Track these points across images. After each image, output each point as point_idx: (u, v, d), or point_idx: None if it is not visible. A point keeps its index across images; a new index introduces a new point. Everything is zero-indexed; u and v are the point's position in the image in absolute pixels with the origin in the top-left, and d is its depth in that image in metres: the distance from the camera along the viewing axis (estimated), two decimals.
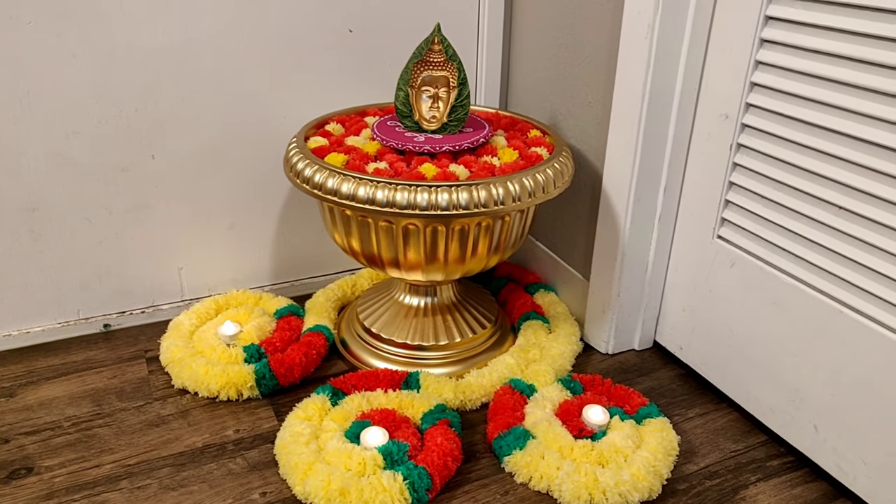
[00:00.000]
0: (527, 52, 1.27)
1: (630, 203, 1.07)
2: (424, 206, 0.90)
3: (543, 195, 0.97)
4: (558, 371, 1.08)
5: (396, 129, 1.07)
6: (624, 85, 1.02)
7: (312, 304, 1.23)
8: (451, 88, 1.03)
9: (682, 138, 1.04)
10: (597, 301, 1.17)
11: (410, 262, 0.99)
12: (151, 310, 1.24)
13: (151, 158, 1.14)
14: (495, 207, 0.92)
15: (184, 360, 1.08)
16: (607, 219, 1.11)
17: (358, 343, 1.15)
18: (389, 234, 0.97)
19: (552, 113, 1.23)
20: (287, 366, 1.06)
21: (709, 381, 1.09)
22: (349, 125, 1.13)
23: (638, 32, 0.98)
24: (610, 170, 1.09)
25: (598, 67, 1.10)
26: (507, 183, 0.93)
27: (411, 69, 1.03)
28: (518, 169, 0.97)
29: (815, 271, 0.90)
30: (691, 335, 1.11)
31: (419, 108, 1.05)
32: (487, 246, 1.00)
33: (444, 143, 1.01)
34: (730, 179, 0.99)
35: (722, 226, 1.02)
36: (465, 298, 1.18)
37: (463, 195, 0.91)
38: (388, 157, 1.00)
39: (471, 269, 1.03)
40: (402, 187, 0.91)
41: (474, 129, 1.07)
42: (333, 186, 0.93)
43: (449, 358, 1.11)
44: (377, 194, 0.91)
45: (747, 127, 0.95)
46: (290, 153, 1.03)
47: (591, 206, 1.17)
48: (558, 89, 1.20)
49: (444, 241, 0.97)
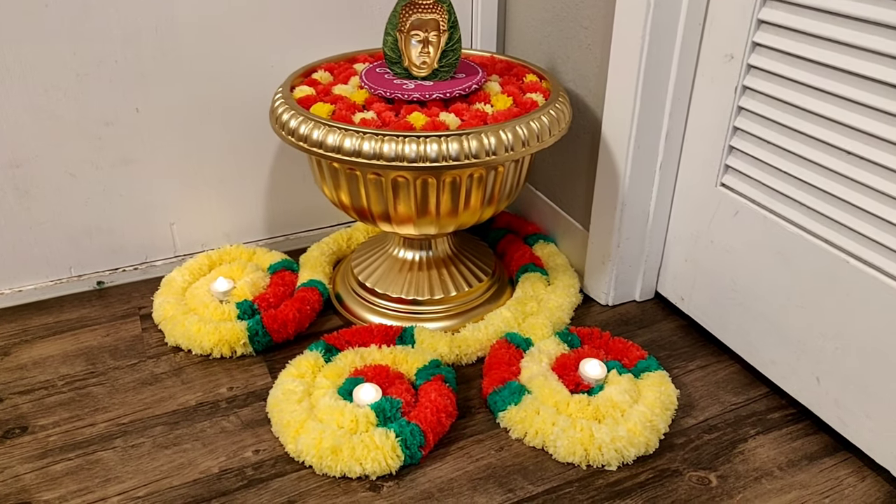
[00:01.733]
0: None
1: (630, 150, 1.03)
2: (413, 157, 0.87)
3: (538, 144, 0.93)
4: (556, 324, 1.06)
5: (386, 76, 1.02)
6: (623, 24, 0.97)
7: (307, 258, 1.21)
8: (442, 32, 0.98)
9: (684, 81, 0.99)
10: (596, 252, 1.14)
11: (401, 216, 0.96)
12: (144, 266, 1.22)
13: (136, 112, 1.11)
14: (487, 158, 0.89)
15: (176, 317, 1.06)
16: (607, 167, 1.07)
17: (353, 298, 1.13)
18: (378, 187, 0.94)
19: (550, 57, 1.17)
20: (280, 322, 1.05)
21: (710, 333, 1.07)
22: (338, 73, 1.09)
23: None
24: (609, 116, 1.04)
25: (596, 7, 1.04)
26: (500, 132, 0.89)
27: (399, 12, 0.98)
28: (511, 117, 0.93)
29: (820, 220, 0.86)
30: (693, 286, 1.08)
31: (408, 53, 1.00)
32: (481, 198, 0.97)
33: (434, 91, 0.97)
34: (734, 124, 0.94)
35: (725, 173, 0.98)
36: (461, 251, 1.15)
37: (453, 146, 0.87)
38: (377, 107, 0.96)
39: (464, 222, 1.00)
40: (390, 138, 0.87)
41: (467, 75, 1.02)
42: (319, 138, 0.90)
43: (445, 312, 1.09)
44: (364, 146, 0.88)
45: (753, 68, 0.90)
46: (276, 104, 0.99)
47: (591, 154, 1.13)
48: (556, 31, 1.14)
49: (436, 194, 0.93)
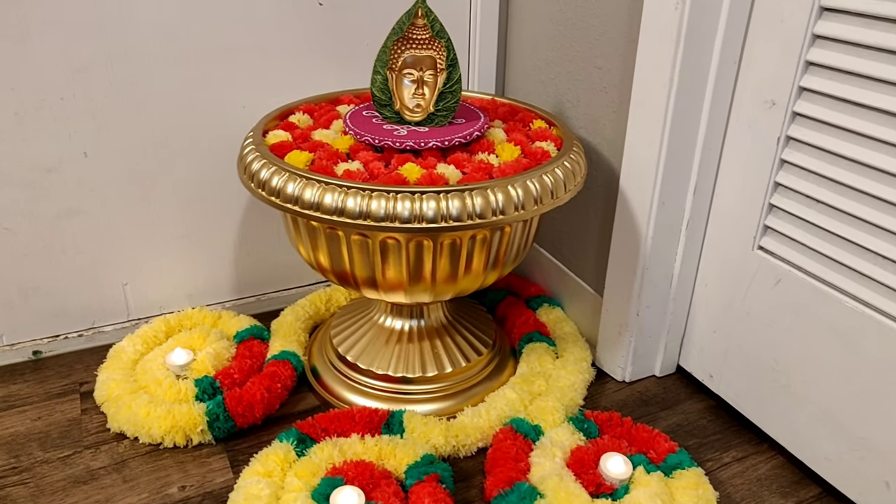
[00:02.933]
0: (527, 30, 1.09)
1: (653, 206, 0.90)
2: (406, 217, 0.73)
3: (552, 201, 0.79)
4: (568, 406, 0.91)
5: (374, 120, 0.89)
6: (647, 64, 0.85)
7: (279, 324, 1.06)
8: (439, 71, 0.85)
9: (716, 129, 0.87)
10: (612, 320, 1.00)
11: (390, 282, 0.82)
12: (91, 333, 1.06)
13: (84, 156, 0.96)
14: (494, 218, 0.75)
15: (122, 397, 0.90)
16: (625, 224, 0.94)
17: (331, 373, 0.98)
18: (364, 250, 0.79)
19: (558, 100, 1.05)
20: (246, 404, 0.89)
21: (745, 417, 0.93)
22: (318, 116, 0.96)
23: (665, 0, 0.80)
24: (629, 167, 0.91)
25: (613, 45, 0.92)
26: (509, 187, 0.76)
27: (390, 48, 0.86)
28: (521, 169, 0.80)
29: (888, 295, 0.73)
30: (724, 361, 0.94)
31: (400, 95, 0.87)
32: (484, 262, 0.83)
33: (430, 138, 0.83)
34: (775, 179, 0.82)
35: (765, 235, 0.85)
36: (457, 319, 1.01)
37: (454, 203, 0.73)
38: (364, 156, 0.83)
39: (464, 289, 0.86)
40: (379, 194, 0.73)
41: (467, 121, 0.89)
42: (294, 192, 0.76)
43: (438, 392, 0.94)
44: (348, 202, 0.74)
45: (800, 116, 0.78)
46: (245, 151, 0.85)
47: (606, 209, 0.99)
48: (564, 72, 1.02)
49: (432, 258, 0.79)
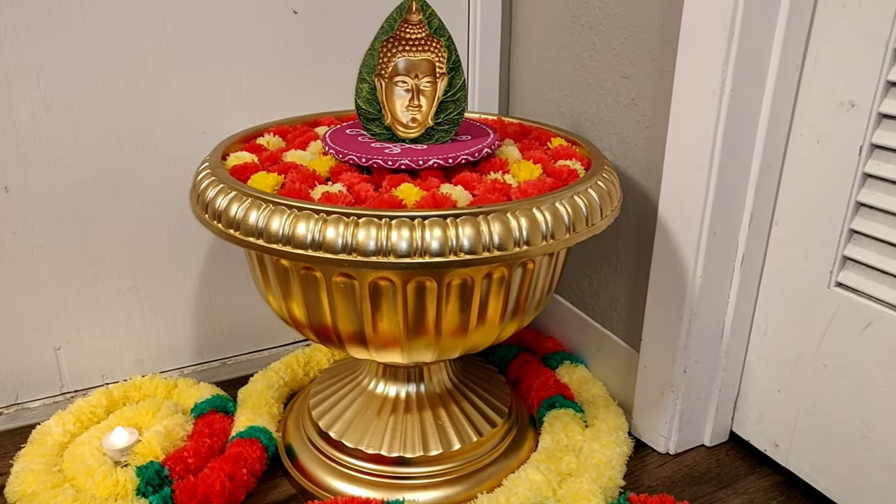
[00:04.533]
0: (534, 42, 0.95)
1: (702, 238, 0.74)
2: (404, 249, 0.56)
3: (587, 229, 0.63)
4: (607, 490, 0.73)
5: (360, 138, 0.73)
6: (690, 67, 0.70)
7: (248, 393, 0.87)
8: (439, 76, 0.70)
9: (776, 142, 0.72)
10: (652, 378, 0.83)
11: (383, 337, 0.64)
12: (13, 410, 0.86)
13: (5, 192, 0.79)
14: (516, 250, 0.58)
15: (40, 494, 0.70)
16: (666, 262, 0.78)
17: (311, 453, 0.79)
18: (349, 296, 0.62)
19: (575, 120, 0.90)
20: (201, 496, 0.70)
21: (827, 497, 0.75)
22: (292, 137, 0.79)
23: None
24: (670, 192, 0.76)
25: (643, 47, 0.77)
26: (534, 210, 0.59)
27: (379, 51, 0.70)
28: (546, 190, 0.64)
29: None
30: (793, 427, 0.77)
31: (391, 107, 0.71)
32: (501, 308, 0.66)
33: (429, 155, 0.67)
34: (857, 198, 0.66)
35: (844, 268, 0.69)
36: (464, 382, 0.83)
37: (466, 230, 0.57)
38: (348, 177, 0.66)
39: (476, 345, 0.68)
40: (368, 220, 0.56)
41: (473, 137, 0.73)
42: (258, 222, 0.59)
43: (444, 475, 0.75)
44: (328, 232, 0.57)
45: (888, 118, 0.63)
46: (199, 176, 0.68)
47: (640, 244, 0.83)
48: (583, 86, 0.88)
49: (436, 304, 0.62)
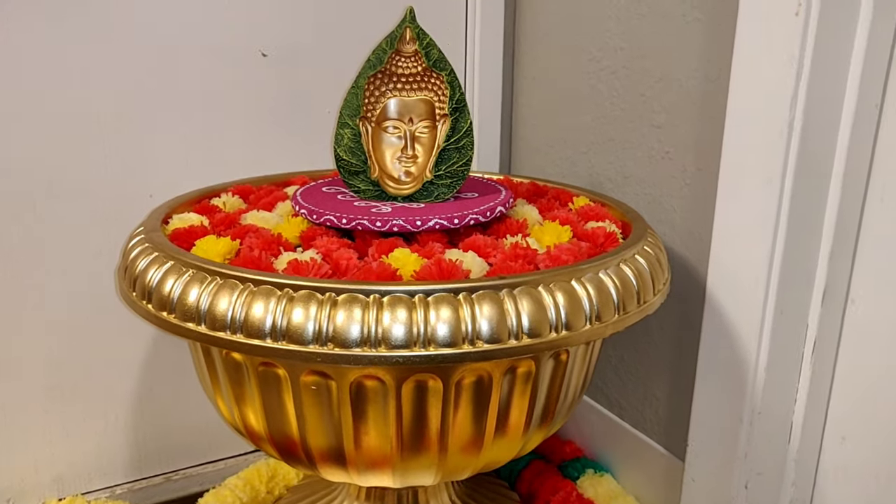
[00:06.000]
0: (542, 93, 0.82)
1: (766, 319, 0.59)
2: (401, 337, 0.40)
3: (638, 308, 0.48)
4: None
5: (339, 196, 0.58)
6: (748, 109, 0.57)
7: None
8: (439, 119, 0.56)
9: (853, 199, 0.58)
10: (702, 495, 0.66)
11: (369, 456, 0.48)
12: None
13: None
14: (553, 336, 0.43)
15: None
16: (719, 348, 0.63)
17: None
18: (324, 401, 0.46)
19: (595, 179, 0.77)
20: None
21: None
22: (255, 198, 0.65)
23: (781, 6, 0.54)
24: (721, 262, 0.61)
25: (680, 89, 0.65)
26: (573, 282, 0.44)
27: (364, 89, 0.57)
28: (584, 256, 0.49)
29: None
30: None
31: (380, 157, 0.57)
32: (527, 413, 0.50)
33: (429, 215, 0.52)
34: None
35: None
36: (468, 501, 0.65)
37: (485, 310, 0.41)
38: (323, 243, 0.51)
39: (492, 462, 0.52)
40: (351, 298, 0.41)
41: (482, 194, 0.59)
42: (199, 301, 0.43)
43: None
44: (294, 314, 0.41)
45: None
46: (130, 243, 0.53)
47: (680, 326, 0.68)
48: (604, 140, 0.75)
49: (442, 411, 0.46)
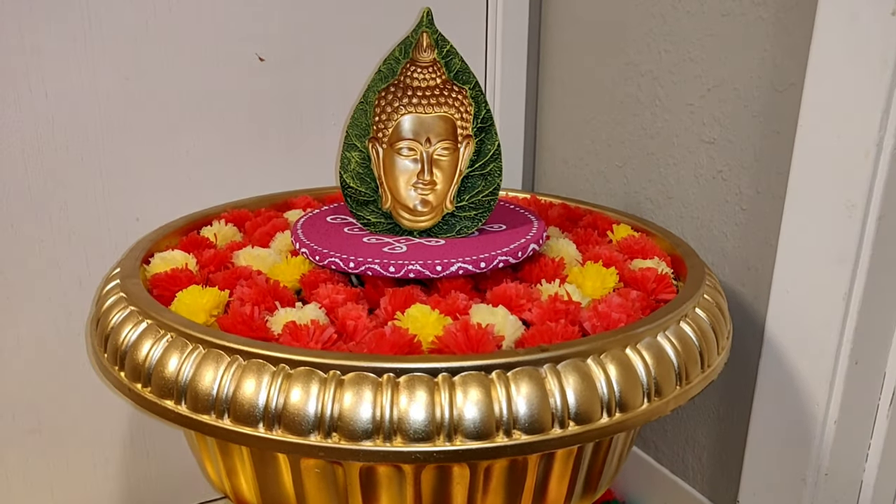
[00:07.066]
0: (573, 95, 0.74)
1: (839, 369, 0.51)
2: (421, 426, 0.33)
3: (702, 375, 0.40)
4: None
5: (346, 229, 0.51)
6: (827, 121, 0.49)
7: None
8: (462, 141, 0.49)
9: None
10: None
11: None
12: None
13: None
14: (605, 420, 0.35)
15: None
16: (780, 397, 0.55)
17: None
18: (329, 484, 0.39)
19: (631, 200, 0.68)
20: None
21: None
22: (251, 227, 0.57)
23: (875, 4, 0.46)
24: (785, 301, 0.53)
25: (737, 102, 0.57)
26: (628, 351, 0.37)
27: (374, 104, 0.49)
28: (637, 314, 0.41)
29: None
30: None
31: (393, 184, 0.49)
32: (566, 492, 0.42)
33: (451, 257, 0.45)
34: None
35: None
36: None
37: (523, 390, 0.34)
38: (327, 292, 0.43)
39: None
40: (359, 378, 0.34)
41: (510, 226, 0.51)
42: (178, 373, 0.36)
43: None
44: (292, 395, 0.34)
45: None
46: (104, 290, 0.45)
47: (730, 369, 0.60)
48: (642, 153, 0.66)
49: (468, 498, 0.39)
